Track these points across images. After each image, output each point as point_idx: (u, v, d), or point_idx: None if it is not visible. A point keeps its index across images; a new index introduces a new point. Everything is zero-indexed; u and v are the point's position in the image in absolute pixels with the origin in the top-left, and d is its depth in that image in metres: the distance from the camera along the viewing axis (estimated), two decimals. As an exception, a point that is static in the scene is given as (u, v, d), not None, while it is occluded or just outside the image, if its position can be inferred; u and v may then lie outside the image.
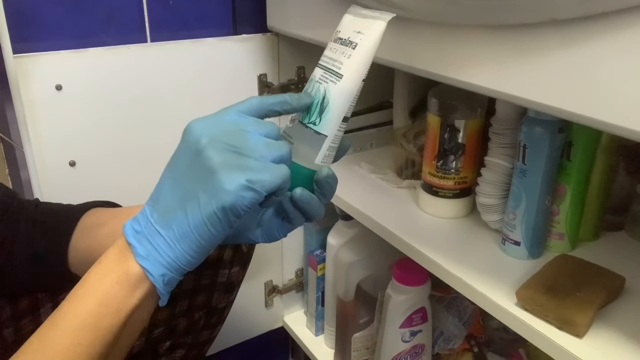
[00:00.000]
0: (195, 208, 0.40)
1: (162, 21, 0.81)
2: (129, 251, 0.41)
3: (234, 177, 0.39)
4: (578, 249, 0.67)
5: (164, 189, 0.42)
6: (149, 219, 0.41)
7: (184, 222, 0.40)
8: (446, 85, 0.55)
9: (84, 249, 0.58)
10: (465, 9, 0.48)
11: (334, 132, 0.46)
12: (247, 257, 0.72)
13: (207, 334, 0.73)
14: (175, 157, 0.42)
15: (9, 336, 0.61)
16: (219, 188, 0.39)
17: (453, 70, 0.53)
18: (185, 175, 0.41)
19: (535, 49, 0.45)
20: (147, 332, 0.66)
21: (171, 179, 0.42)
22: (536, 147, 0.60)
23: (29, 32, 0.72)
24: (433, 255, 0.66)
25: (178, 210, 0.41)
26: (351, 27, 0.46)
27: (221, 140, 0.40)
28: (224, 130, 0.41)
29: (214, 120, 0.42)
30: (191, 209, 0.40)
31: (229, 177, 0.39)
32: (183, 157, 0.41)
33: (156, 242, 0.41)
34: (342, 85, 0.45)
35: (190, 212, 0.40)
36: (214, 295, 0.69)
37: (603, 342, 0.52)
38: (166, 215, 0.41)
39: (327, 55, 0.47)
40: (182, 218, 0.40)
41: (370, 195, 0.82)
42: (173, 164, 0.42)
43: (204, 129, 0.41)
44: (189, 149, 0.41)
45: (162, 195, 0.42)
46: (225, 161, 0.39)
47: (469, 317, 0.88)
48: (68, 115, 0.76)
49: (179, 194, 0.41)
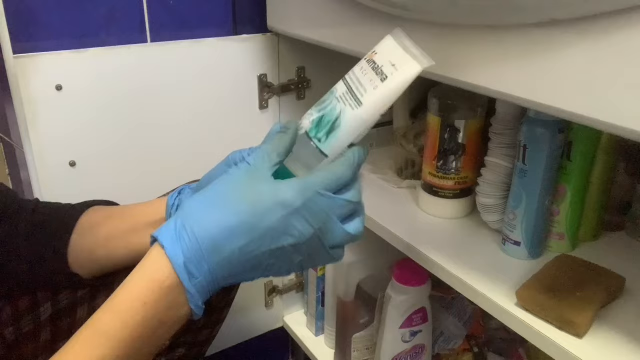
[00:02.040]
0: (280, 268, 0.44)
1: (162, 21, 0.81)
2: (183, 294, 0.42)
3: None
4: (578, 249, 0.67)
5: (234, 242, 0.42)
6: (209, 265, 0.42)
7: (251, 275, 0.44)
8: (446, 85, 0.55)
9: (83, 249, 0.58)
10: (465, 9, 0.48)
11: (336, 154, 0.45)
12: None
13: (206, 333, 0.73)
14: (258, 213, 0.42)
15: (9, 336, 0.61)
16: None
17: (453, 70, 0.53)
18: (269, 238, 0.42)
19: (536, 49, 0.45)
20: None
21: (248, 234, 0.42)
22: (536, 147, 0.60)
23: (29, 32, 0.72)
24: (433, 255, 0.66)
25: (248, 269, 0.43)
26: (389, 56, 0.44)
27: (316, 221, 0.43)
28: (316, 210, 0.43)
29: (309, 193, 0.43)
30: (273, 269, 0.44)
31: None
32: (271, 217, 0.42)
33: (208, 287, 0.43)
34: (359, 113, 0.44)
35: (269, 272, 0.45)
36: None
37: (603, 342, 0.52)
38: (229, 267, 0.42)
39: (356, 75, 0.45)
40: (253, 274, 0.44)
41: (370, 195, 0.82)
42: (256, 221, 0.42)
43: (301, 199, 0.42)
44: (281, 214, 0.42)
45: (228, 247, 0.42)
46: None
47: (469, 317, 0.88)
48: (68, 115, 0.76)
49: (253, 256, 0.43)
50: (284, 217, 0.42)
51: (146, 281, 0.42)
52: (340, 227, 0.44)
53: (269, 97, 0.93)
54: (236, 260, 0.42)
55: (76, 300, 0.63)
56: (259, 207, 0.42)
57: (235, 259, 0.42)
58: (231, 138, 0.91)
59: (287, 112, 0.96)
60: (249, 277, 0.44)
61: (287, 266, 0.45)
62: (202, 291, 0.42)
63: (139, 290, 0.42)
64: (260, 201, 0.42)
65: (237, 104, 0.90)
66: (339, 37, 0.69)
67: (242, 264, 0.43)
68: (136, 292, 0.42)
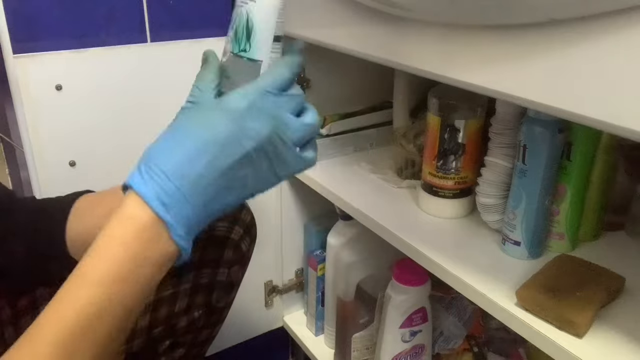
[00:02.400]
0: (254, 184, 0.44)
1: (162, 21, 0.81)
2: (163, 229, 0.41)
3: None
4: (578, 249, 0.67)
5: (197, 162, 0.42)
6: (181, 192, 0.41)
7: (226, 198, 0.43)
8: (446, 85, 0.55)
9: (82, 232, 0.58)
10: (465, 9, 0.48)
11: (268, 55, 0.45)
12: (246, 257, 0.73)
13: (206, 333, 0.73)
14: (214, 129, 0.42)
15: (10, 336, 0.61)
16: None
17: (453, 70, 0.53)
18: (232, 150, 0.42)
19: (535, 49, 0.45)
20: (147, 331, 0.66)
21: (208, 152, 0.42)
22: (536, 147, 0.60)
23: (29, 32, 0.72)
24: (433, 255, 0.66)
25: (223, 189, 0.43)
26: None
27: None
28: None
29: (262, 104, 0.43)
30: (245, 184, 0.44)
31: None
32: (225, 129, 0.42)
33: (188, 217, 0.42)
34: (260, 1, 0.44)
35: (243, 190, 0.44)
36: (213, 294, 0.69)
37: (603, 342, 0.52)
38: (204, 190, 0.42)
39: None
40: (225, 195, 0.43)
41: (370, 195, 0.82)
42: (211, 138, 0.42)
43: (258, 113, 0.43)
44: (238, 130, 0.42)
45: (194, 169, 0.42)
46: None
47: (469, 317, 0.88)
48: (68, 115, 0.76)
49: (219, 170, 0.42)
50: (236, 121, 0.42)
51: (123, 222, 0.41)
52: (295, 120, 0.45)
53: (269, 97, 0.92)
54: (206, 181, 0.42)
55: None
56: (210, 124, 0.42)
57: (205, 180, 0.42)
58: (231, 138, 0.91)
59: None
60: (230, 199, 0.44)
61: (262, 176, 0.44)
62: (183, 222, 0.41)
63: (117, 232, 0.41)
64: (209, 118, 0.43)
65: (237, 104, 0.90)
66: (339, 37, 0.69)
67: (215, 184, 0.42)
68: (115, 234, 0.41)
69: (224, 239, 0.69)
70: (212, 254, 0.68)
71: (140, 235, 0.41)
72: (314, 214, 1.07)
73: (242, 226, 0.70)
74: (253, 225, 0.72)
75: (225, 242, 0.69)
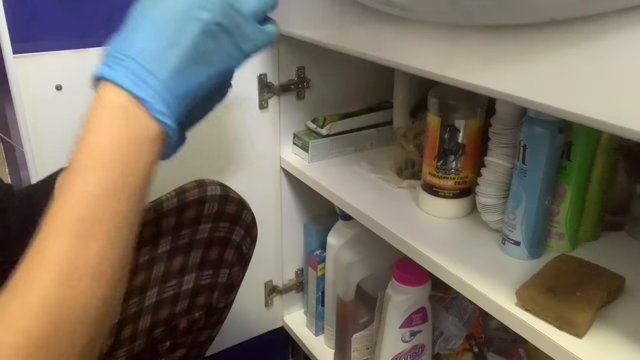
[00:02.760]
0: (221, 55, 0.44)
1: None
2: (141, 108, 0.40)
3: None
4: (578, 249, 0.67)
5: (158, 41, 0.42)
6: (147, 70, 0.41)
7: (200, 72, 0.43)
8: (446, 85, 0.55)
9: None
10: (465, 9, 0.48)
11: None
12: (247, 257, 0.73)
13: (207, 334, 0.73)
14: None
15: None
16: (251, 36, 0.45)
17: (453, 70, 0.53)
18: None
19: (535, 49, 0.45)
20: (148, 333, 0.66)
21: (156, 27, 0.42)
22: (536, 147, 0.60)
23: (29, 32, 0.72)
24: (433, 255, 0.66)
25: (190, 64, 0.42)
26: None
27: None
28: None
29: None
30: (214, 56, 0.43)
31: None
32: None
33: (161, 92, 0.41)
34: None
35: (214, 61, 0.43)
36: (214, 294, 0.69)
37: (603, 342, 0.52)
38: (171, 65, 0.41)
39: None
40: (198, 69, 0.43)
41: (370, 195, 0.82)
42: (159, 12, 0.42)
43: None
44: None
45: (155, 44, 0.42)
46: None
47: (469, 317, 0.88)
48: (68, 115, 0.76)
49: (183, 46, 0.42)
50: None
51: (100, 111, 0.41)
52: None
53: (269, 97, 0.93)
54: (171, 57, 0.41)
55: None
56: (163, 3, 0.42)
57: (169, 56, 0.41)
58: (231, 138, 0.91)
59: (287, 112, 0.96)
60: (200, 76, 0.43)
61: (225, 51, 0.44)
62: (158, 97, 0.41)
63: (97, 121, 0.41)
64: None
65: (237, 104, 0.90)
66: (339, 37, 0.69)
67: (180, 60, 0.42)
68: (94, 123, 0.41)
69: (225, 239, 0.69)
70: (213, 255, 0.68)
71: (119, 118, 0.40)
72: (314, 214, 1.07)
73: (243, 227, 0.70)
74: (254, 226, 0.72)
75: (227, 243, 0.69)
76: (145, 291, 0.64)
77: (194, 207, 0.65)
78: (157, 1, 0.43)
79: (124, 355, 0.65)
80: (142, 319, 0.65)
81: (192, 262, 0.66)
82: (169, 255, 0.65)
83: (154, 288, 0.65)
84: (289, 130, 0.97)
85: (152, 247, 0.64)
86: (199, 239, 0.66)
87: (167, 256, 0.65)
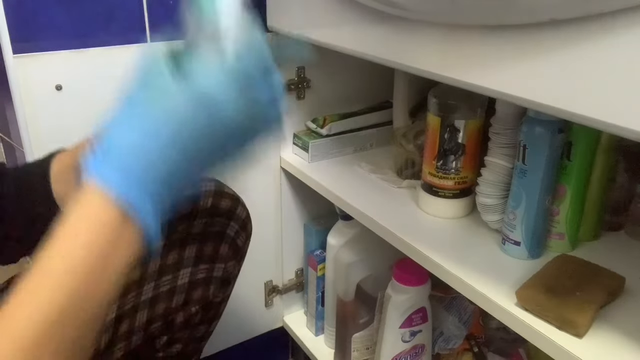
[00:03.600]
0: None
1: (162, 21, 0.81)
2: (130, 216, 0.37)
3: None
4: (578, 249, 0.67)
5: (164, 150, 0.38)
6: (145, 182, 0.37)
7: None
8: (446, 85, 0.55)
9: (66, 194, 0.56)
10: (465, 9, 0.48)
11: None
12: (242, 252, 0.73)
13: (203, 329, 0.73)
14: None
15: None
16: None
17: (453, 70, 0.53)
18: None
19: (535, 49, 0.45)
20: (145, 328, 0.66)
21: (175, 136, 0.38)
22: (536, 147, 0.60)
23: (29, 32, 0.72)
24: (433, 255, 0.66)
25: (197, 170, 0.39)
26: None
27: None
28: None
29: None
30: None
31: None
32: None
33: (152, 197, 0.38)
34: None
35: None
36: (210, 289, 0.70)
37: (603, 342, 0.52)
38: (166, 166, 0.38)
39: None
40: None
41: (370, 195, 0.82)
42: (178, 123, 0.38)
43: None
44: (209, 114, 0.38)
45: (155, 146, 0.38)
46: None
47: (469, 317, 0.88)
48: (68, 115, 0.76)
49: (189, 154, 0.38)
50: (200, 102, 0.38)
51: (83, 214, 0.37)
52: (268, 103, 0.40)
53: (269, 97, 0.92)
54: (167, 155, 0.38)
55: None
56: (171, 105, 0.38)
57: (164, 154, 0.38)
58: (231, 138, 0.91)
59: (287, 112, 0.96)
60: (195, 174, 0.40)
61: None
62: (147, 206, 0.37)
63: (76, 227, 0.37)
64: (168, 97, 0.38)
65: (237, 104, 0.90)
66: (339, 37, 0.69)
67: (177, 160, 0.38)
68: (73, 229, 0.37)
69: (220, 234, 0.69)
70: (208, 250, 0.68)
71: (103, 228, 0.37)
72: (314, 214, 1.07)
73: (237, 222, 0.70)
74: (249, 221, 0.73)
75: (222, 237, 0.69)
76: (141, 286, 0.65)
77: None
78: (164, 101, 0.39)
79: (121, 351, 0.65)
80: (139, 313, 0.65)
81: (187, 256, 0.67)
82: (164, 249, 0.65)
83: (150, 283, 0.65)
84: (289, 130, 0.97)
85: None
86: (194, 233, 0.67)
87: (162, 251, 0.65)
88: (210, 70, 0.38)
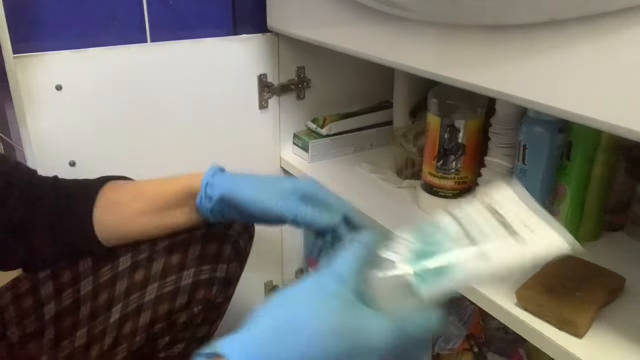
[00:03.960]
0: None
1: (162, 21, 0.81)
2: None
3: None
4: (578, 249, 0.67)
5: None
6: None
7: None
8: (446, 85, 0.55)
9: (108, 224, 0.61)
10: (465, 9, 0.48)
11: (429, 298, 0.38)
12: (245, 253, 0.73)
13: (205, 329, 0.73)
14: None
15: (49, 311, 0.63)
16: None
17: (453, 70, 0.53)
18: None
19: (535, 49, 0.45)
20: (148, 328, 0.66)
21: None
22: (536, 147, 0.60)
23: (29, 32, 0.72)
24: (433, 255, 0.66)
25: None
26: (519, 215, 0.40)
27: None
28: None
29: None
30: None
31: None
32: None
33: None
34: (486, 266, 0.38)
35: None
36: (213, 289, 0.70)
37: (603, 342, 0.52)
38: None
39: (476, 221, 0.41)
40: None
41: (370, 195, 0.82)
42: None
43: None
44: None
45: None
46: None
47: (469, 317, 0.88)
48: (68, 115, 0.76)
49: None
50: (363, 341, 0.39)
51: None
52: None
53: (269, 97, 0.93)
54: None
55: (116, 275, 0.65)
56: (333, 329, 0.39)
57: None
58: (231, 138, 0.91)
59: (287, 112, 0.96)
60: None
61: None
62: None
63: None
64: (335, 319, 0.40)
65: (237, 104, 0.90)
66: (339, 37, 0.69)
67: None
68: None
69: (222, 235, 0.69)
70: (211, 250, 0.68)
71: None
72: (314, 214, 1.07)
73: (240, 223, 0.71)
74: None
75: (224, 238, 0.69)
76: (145, 287, 0.65)
77: None
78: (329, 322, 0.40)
79: (124, 351, 0.65)
80: (143, 314, 0.66)
81: (190, 257, 0.67)
82: (167, 251, 0.66)
83: (154, 283, 0.66)
84: (289, 130, 0.97)
85: (151, 244, 0.65)
86: (196, 234, 0.67)
87: (166, 252, 0.66)
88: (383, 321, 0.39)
